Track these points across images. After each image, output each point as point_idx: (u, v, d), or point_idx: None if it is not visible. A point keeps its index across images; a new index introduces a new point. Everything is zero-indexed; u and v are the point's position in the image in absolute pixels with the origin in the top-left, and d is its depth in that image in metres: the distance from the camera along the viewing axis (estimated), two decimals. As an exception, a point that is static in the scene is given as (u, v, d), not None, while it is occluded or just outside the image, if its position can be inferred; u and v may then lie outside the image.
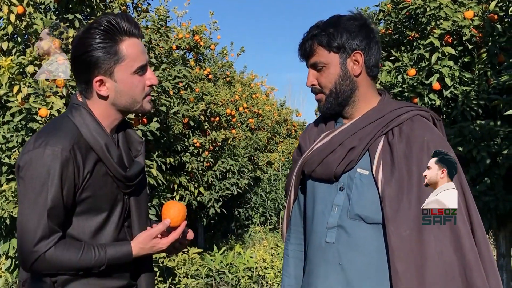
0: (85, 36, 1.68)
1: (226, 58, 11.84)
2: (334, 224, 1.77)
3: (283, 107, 17.07)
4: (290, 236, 2.09)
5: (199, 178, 7.92)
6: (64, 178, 1.61)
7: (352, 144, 1.77)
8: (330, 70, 1.81)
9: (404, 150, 1.70)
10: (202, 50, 9.13)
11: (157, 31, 6.38)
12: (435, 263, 1.59)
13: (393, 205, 1.65)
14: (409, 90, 4.46)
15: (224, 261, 6.79)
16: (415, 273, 1.60)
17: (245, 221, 11.84)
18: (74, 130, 1.68)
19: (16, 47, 4.57)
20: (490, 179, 4.02)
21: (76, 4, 4.68)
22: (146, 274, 1.88)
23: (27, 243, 1.60)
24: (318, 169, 1.84)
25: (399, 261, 1.61)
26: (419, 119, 1.77)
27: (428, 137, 1.71)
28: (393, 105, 1.83)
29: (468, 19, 4.21)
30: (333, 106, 1.84)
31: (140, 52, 1.73)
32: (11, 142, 4.16)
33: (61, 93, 4.04)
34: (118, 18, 1.70)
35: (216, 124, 9.04)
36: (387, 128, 1.76)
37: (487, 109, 4.22)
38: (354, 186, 1.76)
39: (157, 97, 5.46)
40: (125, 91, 1.73)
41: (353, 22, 1.82)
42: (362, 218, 1.73)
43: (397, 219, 1.63)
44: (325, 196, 1.83)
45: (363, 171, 1.76)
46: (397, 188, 1.66)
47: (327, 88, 1.82)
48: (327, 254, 1.78)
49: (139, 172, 1.83)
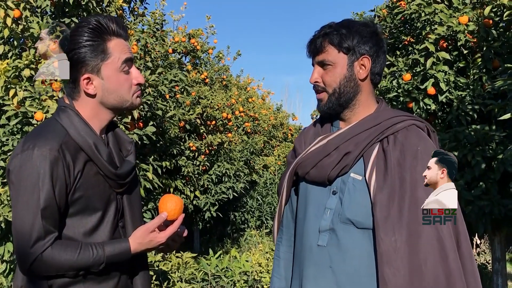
0: (73, 34, 1.71)
1: (222, 62, 11.85)
2: (326, 228, 1.79)
3: (279, 111, 17.09)
4: (281, 237, 2.10)
5: (195, 182, 7.92)
6: (55, 178, 1.61)
7: (347, 149, 1.79)
8: (337, 70, 1.82)
9: (398, 158, 1.72)
10: (199, 54, 9.13)
11: (153, 35, 6.39)
12: (422, 271, 1.61)
13: (383, 211, 1.67)
14: (405, 95, 4.48)
15: (219, 265, 6.77)
16: (402, 280, 1.61)
17: (241, 225, 11.83)
18: (61, 131, 1.69)
19: (12, 51, 4.57)
20: (485, 184, 4.04)
21: (73, 8, 4.68)
22: (142, 276, 1.88)
23: (24, 245, 1.60)
24: (312, 172, 1.85)
25: (387, 267, 1.63)
26: (414, 129, 1.79)
27: (422, 147, 1.73)
28: (389, 113, 1.85)
29: (463, 24, 4.23)
30: (334, 106, 1.85)
31: (125, 50, 1.76)
32: (6, 145, 4.15)
33: (57, 97, 4.04)
34: (107, 18, 1.73)
35: (212, 127, 9.05)
36: (383, 136, 1.78)
37: (482, 114, 4.24)
38: (346, 190, 1.78)
39: (153, 101, 5.46)
40: (112, 88, 1.74)
41: (366, 28, 1.84)
42: (353, 223, 1.75)
43: (387, 225, 1.65)
44: (318, 199, 1.85)
45: (356, 176, 1.78)
46: (389, 194, 1.68)
47: (331, 87, 1.83)
48: (318, 257, 1.79)
49: (130, 170, 1.83)
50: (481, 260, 8.44)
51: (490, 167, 4.04)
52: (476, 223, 4.06)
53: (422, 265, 1.62)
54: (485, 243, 8.62)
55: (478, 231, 4.19)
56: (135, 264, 1.85)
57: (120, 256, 1.71)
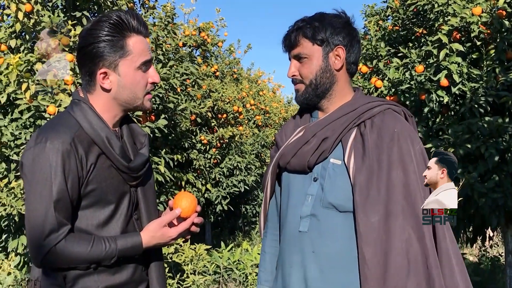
0: (94, 28, 1.71)
1: (233, 55, 11.84)
2: (307, 213, 1.82)
3: (290, 104, 17.05)
4: (266, 232, 2.12)
5: (206, 175, 7.92)
6: (67, 171, 1.62)
7: (325, 134, 1.82)
8: (313, 62, 1.87)
9: (375, 140, 1.76)
10: (209, 47, 9.12)
11: (164, 28, 6.39)
12: (401, 250, 1.65)
13: (363, 192, 1.70)
14: (417, 87, 4.45)
15: (231, 258, 6.80)
16: (382, 259, 1.65)
17: (252, 218, 11.84)
18: (75, 125, 1.70)
19: (24, 45, 4.60)
20: (498, 176, 4.01)
21: (84, 2, 4.69)
22: (157, 268, 1.89)
23: (37, 237, 1.61)
24: (292, 161, 1.89)
25: (367, 246, 1.67)
26: (390, 112, 1.84)
27: (399, 129, 1.76)
28: (366, 99, 1.90)
29: (476, 16, 4.19)
30: (311, 97, 1.90)
31: (145, 49, 1.76)
32: (19, 139, 4.18)
33: (69, 91, 4.05)
34: (128, 14, 1.73)
35: (223, 121, 9.05)
36: (359, 120, 1.82)
37: (496, 106, 4.20)
38: (327, 175, 1.81)
39: (164, 94, 5.47)
40: (127, 85, 1.75)
41: (338, 19, 1.89)
42: (334, 207, 1.78)
43: (366, 206, 1.69)
44: (300, 187, 1.88)
45: (336, 161, 1.81)
46: (367, 176, 1.72)
47: (308, 78, 1.88)
48: (300, 243, 1.82)
49: (143, 163, 1.84)
50: (494, 252, 8.40)
51: (504, 160, 4.01)
52: (489, 215, 4.03)
53: (401, 244, 1.65)
54: (497, 236, 8.57)
55: (491, 223, 4.16)
56: (150, 256, 1.87)
57: (132, 250, 1.72)
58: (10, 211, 4.19)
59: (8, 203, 4.19)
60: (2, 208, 4.22)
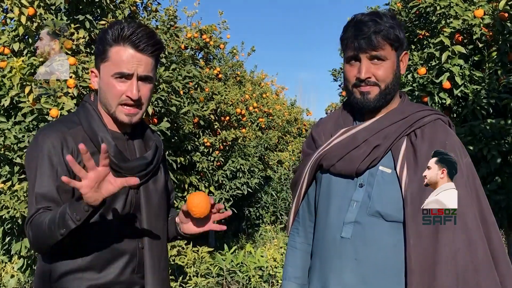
0: (103, 30, 1.86)
1: (236, 58, 11.84)
2: (352, 220, 1.79)
3: (293, 106, 17.02)
4: (298, 229, 2.09)
5: (209, 178, 7.92)
6: (56, 163, 1.71)
7: (377, 141, 1.80)
8: (389, 65, 1.82)
9: (426, 152, 1.74)
10: (212, 50, 9.12)
11: (167, 31, 6.40)
12: (449, 263, 1.63)
13: (415, 203, 1.69)
14: (419, 89, 4.44)
15: (235, 260, 6.79)
16: (429, 272, 1.63)
17: (256, 220, 11.83)
18: (74, 122, 1.82)
19: (27, 48, 4.61)
20: (501, 178, 4.00)
21: (86, 5, 4.70)
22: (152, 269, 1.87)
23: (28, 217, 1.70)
24: (338, 164, 1.85)
25: (416, 258, 1.65)
26: (440, 123, 1.82)
27: (450, 141, 1.76)
28: (414, 107, 1.87)
29: (478, 18, 4.19)
30: (382, 101, 1.85)
31: (125, 62, 1.78)
32: (22, 142, 4.19)
33: (72, 94, 4.07)
34: (134, 27, 1.78)
35: (226, 123, 9.05)
36: (411, 129, 1.80)
37: (498, 108, 4.20)
38: (375, 183, 1.78)
39: (167, 97, 5.48)
40: (103, 89, 1.84)
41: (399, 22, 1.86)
42: (382, 216, 1.76)
43: (418, 217, 1.67)
44: (343, 191, 1.85)
45: (385, 169, 1.79)
46: (419, 187, 1.70)
47: (384, 82, 1.82)
48: (342, 249, 1.79)
49: (142, 165, 1.86)
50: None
51: (506, 161, 4.00)
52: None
53: (450, 258, 1.63)
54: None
55: (494, 226, 4.16)
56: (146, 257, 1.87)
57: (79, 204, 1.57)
58: (14, 213, 4.20)
59: (12, 206, 4.19)
60: (6, 211, 4.22)
